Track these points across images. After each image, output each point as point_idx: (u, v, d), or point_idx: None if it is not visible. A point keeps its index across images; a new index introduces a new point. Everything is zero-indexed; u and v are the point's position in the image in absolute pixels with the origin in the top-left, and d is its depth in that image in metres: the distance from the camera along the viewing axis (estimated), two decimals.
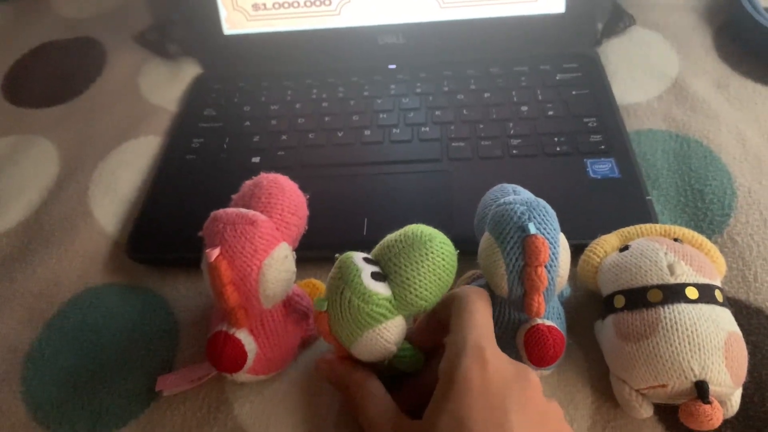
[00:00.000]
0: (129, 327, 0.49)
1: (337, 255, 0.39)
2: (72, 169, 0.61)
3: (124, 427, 0.43)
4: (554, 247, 0.38)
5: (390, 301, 0.37)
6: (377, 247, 0.39)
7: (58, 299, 0.51)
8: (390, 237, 0.39)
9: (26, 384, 0.46)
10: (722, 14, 0.68)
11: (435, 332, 0.39)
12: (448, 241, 0.38)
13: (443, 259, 0.37)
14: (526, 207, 0.38)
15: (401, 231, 0.38)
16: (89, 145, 0.63)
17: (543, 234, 0.37)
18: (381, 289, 0.37)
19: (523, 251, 0.37)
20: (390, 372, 0.40)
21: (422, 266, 0.37)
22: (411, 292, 0.37)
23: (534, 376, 0.35)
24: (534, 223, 0.37)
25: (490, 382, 0.33)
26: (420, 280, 0.37)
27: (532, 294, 0.38)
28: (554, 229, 0.38)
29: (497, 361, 0.34)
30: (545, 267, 0.37)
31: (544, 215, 0.38)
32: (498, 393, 0.32)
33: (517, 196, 0.41)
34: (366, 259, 0.38)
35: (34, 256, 0.54)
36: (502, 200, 0.40)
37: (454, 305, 0.37)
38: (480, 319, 0.35)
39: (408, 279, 0.37)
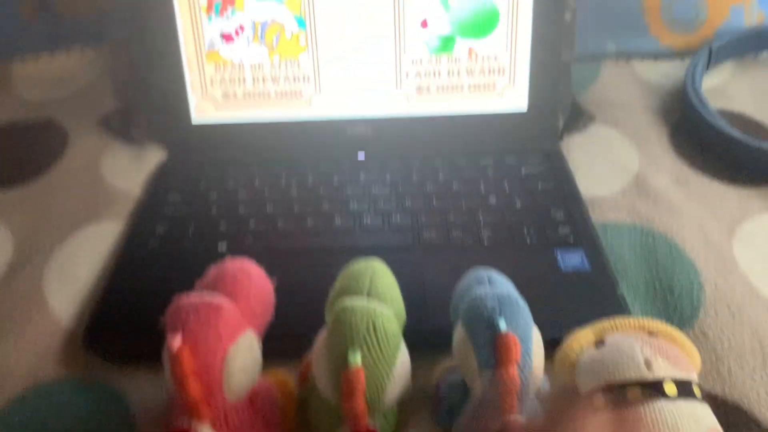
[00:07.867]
0: (82, 425, 0.45)
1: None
2: (27, 255, 0.58)
3: None
4: (526, 344, 0.37)
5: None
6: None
7: (5, 395, 0.47)
8: None
9: None
10: (676, 113, 0.72)
11: None
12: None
13: None
14: (497, 302, 0.37)
15: None
16: (46, 229, 0.61)
17: (514, 331, 0.36)
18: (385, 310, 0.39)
19: (494, 350, 0.36)
20: None
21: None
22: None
23: None
24: (505, 319, 0.36)
25: None
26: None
27: (505, 396, 0.36)
28: (527, 324, 0.38)
29: None
30: (517, 365, 0.36)
31: (515, 310, 0.37)
32: None
33: (490, 286, 0.41)
34: None
35: None
36: (474, 293, 0.39)
37: None
38: None
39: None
